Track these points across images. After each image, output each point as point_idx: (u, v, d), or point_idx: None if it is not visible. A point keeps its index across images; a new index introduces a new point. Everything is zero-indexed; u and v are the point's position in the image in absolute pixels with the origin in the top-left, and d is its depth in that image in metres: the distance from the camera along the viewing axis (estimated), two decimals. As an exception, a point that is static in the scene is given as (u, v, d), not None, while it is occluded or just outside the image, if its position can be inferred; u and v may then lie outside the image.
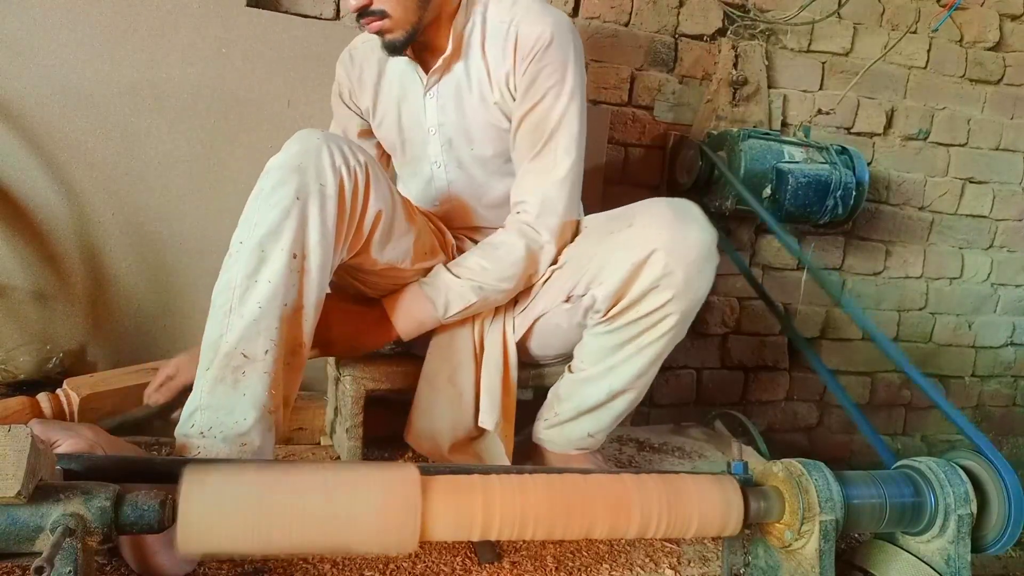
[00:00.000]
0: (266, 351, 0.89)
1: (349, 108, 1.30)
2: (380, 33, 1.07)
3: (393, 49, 1.10)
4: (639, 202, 1.08)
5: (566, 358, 1.21)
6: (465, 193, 1.26)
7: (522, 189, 1.15)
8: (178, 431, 0.90)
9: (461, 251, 1.28)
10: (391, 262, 1.09)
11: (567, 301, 1.12)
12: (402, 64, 1.19)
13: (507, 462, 1.12)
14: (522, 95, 1.12)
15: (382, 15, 1.05)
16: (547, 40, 1.09)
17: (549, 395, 1.20)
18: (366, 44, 1.24)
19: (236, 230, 0.92)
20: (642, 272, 1.01)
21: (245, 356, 0.88)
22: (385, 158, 1.36)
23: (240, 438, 0.88)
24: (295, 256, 0.90)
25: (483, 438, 1.16)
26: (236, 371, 0.88)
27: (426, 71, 1.17)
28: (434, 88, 1.17)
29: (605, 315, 1.06)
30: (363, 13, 1.04)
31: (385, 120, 1.26)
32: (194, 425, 0.88)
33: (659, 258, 0.99)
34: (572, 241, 1.16)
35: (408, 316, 1.13)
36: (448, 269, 1.13)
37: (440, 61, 1.14)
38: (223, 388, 0.88)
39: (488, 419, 1.11)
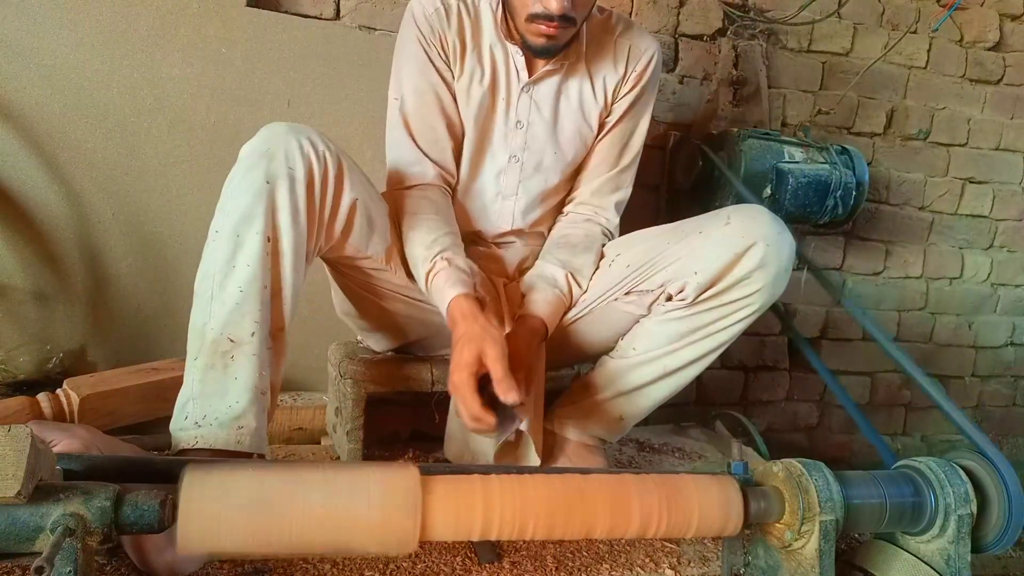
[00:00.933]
0: (252, 333, 0.90)
1: (445, 62, 1.16)
2: (551, 37, 1.07)
3: (549, 53, 1.12)
4: (726, 207, 1.11)
5: (577, 362, 1.22)
6: (531, 192, 1.24)
7: (601, 195, 1.26)
8: (173, 426, 0.90)
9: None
10: (377, 261, 1.09)
11: (628, 295, 1.13)
12: (495, 49, 1.17)
13: (537, 461, 1.09)
14: (624, 107, 1.22)
15: (572, 23, 1.06)
16: (656, 63, 1.23)
17: (575, 383, 1.20)
18: (460, 4, 1.16)
19: (213, 219, 0.94)
20: (742, 260, 1.03)
21: (232, 340, 0.90)
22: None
23: (236, 421, 0.88)
24: (268, 239, 0.92)
25: (522, 441, 1.12)
26: (225, 356, 0.89)
27: (529, 67, 1.17)
28: (531, 85, 1.18)
29: (692, 302, 1.07)
30: (561, 18, 1.03)
31: (466, 98, 1.19)
32: (188, 416, 0.89)
33: (759, 249, 1.03)
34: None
35: (552, 314, 1.12)
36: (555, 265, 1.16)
37: (554, 63, 1.16)
38: (214, 374, 0.89)
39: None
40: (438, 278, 1.03)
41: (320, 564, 0.88)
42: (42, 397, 1.23)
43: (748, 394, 2.19)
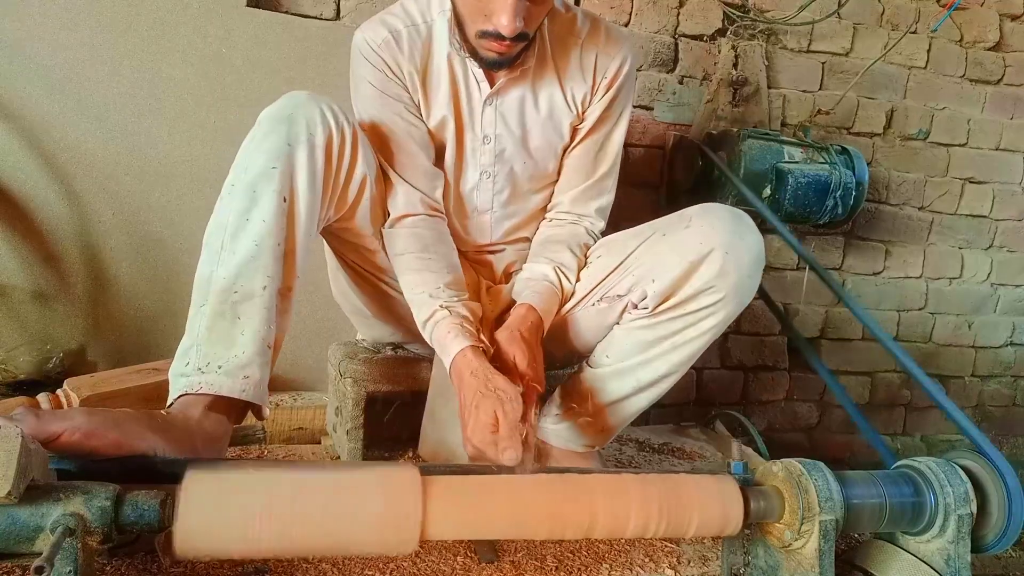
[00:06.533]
0: (264, 287, 0.91)
1: (403, 89, 1.12)
2: (502, 53, 1.02)
3: (501, 66, 1.06)
4: (693, 207, 1.08)
5: (570, 362, 1.21)
6: (506, 205, 1.22)
7: (580, 204, 1.22)
8: (172, 371, 0.90)
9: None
10: (378, 242, 1.10)
11: (600, 301, 1.11)
12: (454, 62, 1.11)
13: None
14: (597, 114, 1.17)
15: (525, 38, 1.01)
16: (627, 70, 1.16)
17: (559, 390, 1.19)
18: (410, 29, 1.10)
19: (228, 177, 0.94)
20: (698, 270, 1.00)
21: (243, 292, 0.90)
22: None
23: (242, 370, 0.89)
24: (285, 200, 0.93)
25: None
26: (235, 306, 0.90)
27: (489, 78, 1.10)
28: (494, 97, 1.12)
29: (652, 311, 1.05)
30: (514, 39, 0.98)
31: (432, 120, 1.15)
32: (189, 363, 0.89)
33: (717, 257, 0.98)
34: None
35: (544, 302, 1.11)
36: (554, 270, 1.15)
37: (518, 71, 1.10)
38: (222, 323, 0.89)
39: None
40: (439, 328, 1.02)
41: (320, 564, 0.88)
42: (42, 397, 1.23)
43: (748, 394, 2.19)
